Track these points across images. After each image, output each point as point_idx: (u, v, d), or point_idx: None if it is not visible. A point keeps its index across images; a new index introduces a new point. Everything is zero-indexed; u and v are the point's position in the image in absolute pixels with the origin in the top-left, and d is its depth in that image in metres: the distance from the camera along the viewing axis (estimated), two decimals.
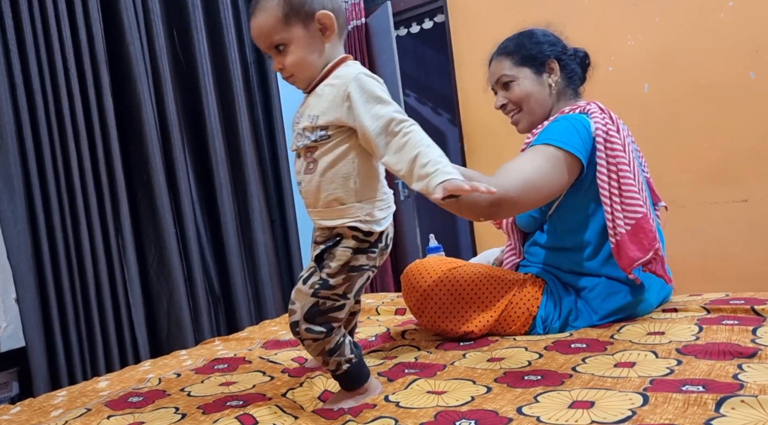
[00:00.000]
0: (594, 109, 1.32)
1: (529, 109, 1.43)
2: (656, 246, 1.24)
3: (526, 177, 1.21)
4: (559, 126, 1.30)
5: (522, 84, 1.42)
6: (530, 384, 1.01)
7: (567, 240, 1.35)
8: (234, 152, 2.62)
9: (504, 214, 1.29)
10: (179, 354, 1.67)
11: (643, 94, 2.52)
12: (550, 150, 1.25)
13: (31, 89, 1.99)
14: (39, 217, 1.98)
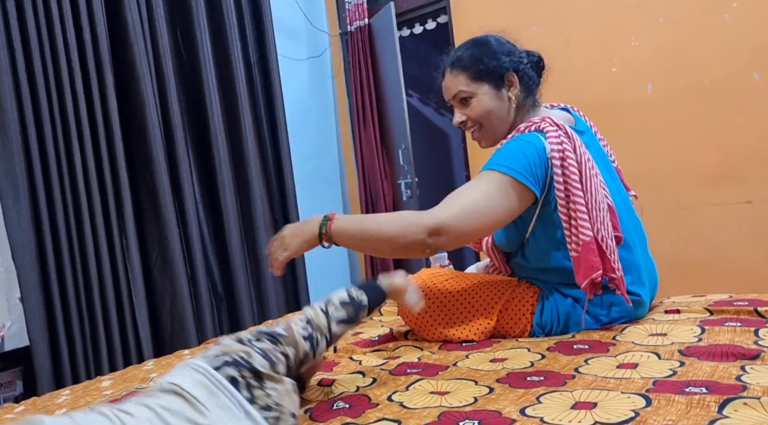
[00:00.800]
0: (549, 128, 1.25)
1: (491, 125, 1.36)
2: (593, 275, 1.21)
3: (464, 204, 1.21)
4: (509, 149, 1.26)
5: (482, 101, 1.34)
6: (533, 384, 1.01)
7: (548, 260, 1.32)
8: (237, 151, 2.62)
9: (448, 243, 1.21)
10: (182, 354, 1.67)
11: (646, 94, 2.52)
12: (496, 175, 1.22)
13: (35, 88, 2.00)
14: (43, 217, 1.99)
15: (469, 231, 1.22)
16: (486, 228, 1.25)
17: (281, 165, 2.82)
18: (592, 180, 1.24)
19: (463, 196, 1.23)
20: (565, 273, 1.29)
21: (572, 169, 1.22)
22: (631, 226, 1.36)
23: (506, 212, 1.23)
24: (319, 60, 3.56)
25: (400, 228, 1.21)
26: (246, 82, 2.68)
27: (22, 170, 1.96)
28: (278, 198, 2.81)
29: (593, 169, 1.25)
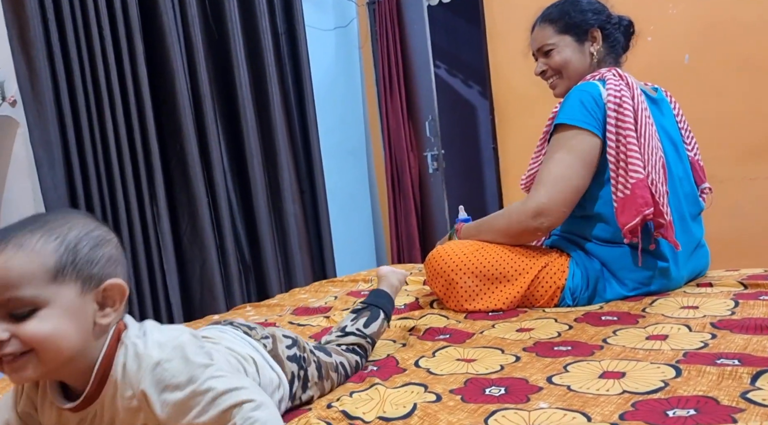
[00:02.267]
0: (610, 76, 1.34)
1: (568, 75, 1.44)
2: (645, 212, 1.24)
3: (551, 180, 1.31)
4: (567, 102, 1.34)
5: (562, 51, 1.43)
6: (560, 354, 1.01)
7: (589, 207, 1.36)
8: (264, 122, 2.63)
9: (553, 220, 1.31)
10: (211, 319, 1.71)
11: (683, 65, 2.44)
12: (561, 135, 1.32)
13: (68, 58, 2.02)
14: (77, 184, 2.04)
15: (566, 201, 1.30)
16: (578, 190, 1.32)
17: (308, 136, 2.83)
18: (647, 127, 1.30)
19: (547, 172, 1.32)
20: (604, 224, 1.34)
21: (627, 113, 1.29)
22: (683, 203, 1.37)
23: (585, 167, 1.31)
24: (346, 30, 3.52)
25: (507, 220, 1.38)
26: (273, 53, 2.67)
27: (57, 139, 2.00)
28: (305, 169, 2.82)
29: (650, 119, 1.31)
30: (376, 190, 3.61)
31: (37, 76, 1.93)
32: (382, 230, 3.61)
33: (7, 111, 1.98)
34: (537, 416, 0.76)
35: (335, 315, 1.47)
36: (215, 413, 0.65)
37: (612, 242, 1.33)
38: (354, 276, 2.02)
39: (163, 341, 0.69)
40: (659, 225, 1.26)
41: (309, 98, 2.83)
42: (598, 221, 1.35)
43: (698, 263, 1.42)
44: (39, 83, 1.94)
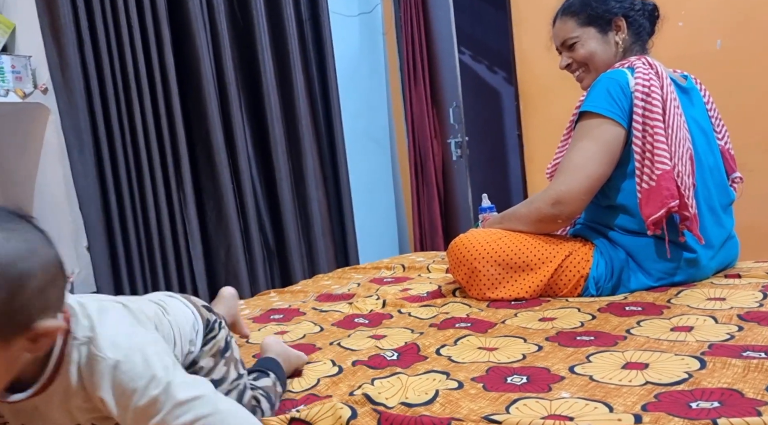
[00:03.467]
0: (639, 65, 1.32)
1: (594, 67, 1.42)
2: (670, 204, 1.22)
3: (571, 168, 1.30)
4: (594, 90, 1.33)
5: (586, 44, 1.41)
6: (582, 344, 1.01)
7: (613, 198, 1.35)
8: (289, 109, 2.64)
9: (573, 208, 1.31)
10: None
11: (715, 50, 2.38)
12: (585, 123, 1.31)
13: (97, 45, 2.06)
14: (106, 170, 2.08)
15: (584, 189, 1.30)
16: (598, 178, 1.31)
17: (332, 123, 2.83)
18: (676, 118, 1.27)
19: (568, 161, 1.33)
20: (628, 215, 1.33)
21: (656, 103, 1.27)
22: (714, 194, 1.35)
23: (607, 156, 1.30)
24: (370, 16, 3.50)
25: (527, 208, 1.38)
26: (298, 40, 2.68)
27: (87, 125, 2.04)
28: (328, 156, 2.84)
29: (678, 109, 1.29)
30: (399, 177, 3.61)
31: (68, 64, 1.97)
32: (404, 217, 3.61)
33: (39, 98, 2.02)
34: (559, 405, 0.77)
35: (358, 301, 1.49)
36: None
37: (636, 233, 1.32)
38: (377, 263, 2.04)
39: (118, 339, 0.65)
40: (684, 218, 1.24)
41: (333, 85, 2.83)
42: (622, 212, 1.34)
43: (727, 254, 1.40)
44: (69, 71, 1.98)
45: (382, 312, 1.39)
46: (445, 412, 0.79)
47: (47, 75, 1.97)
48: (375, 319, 1.33)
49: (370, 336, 1.19)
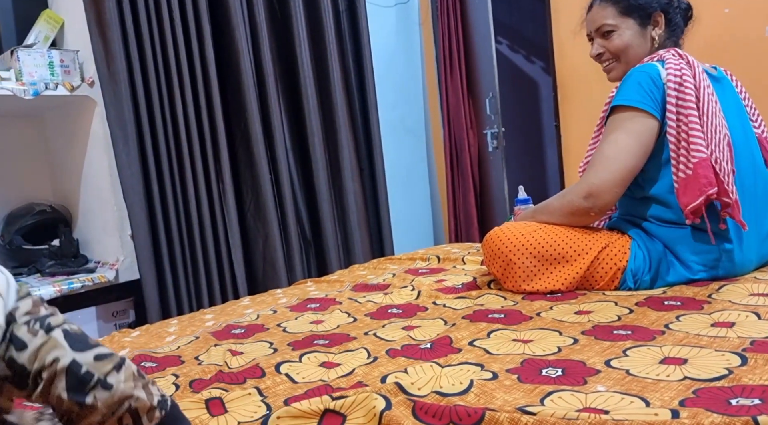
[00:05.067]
0: (669, 56, 1.31)
1: (626, 60, 1.40)
2: (708, 191, 1.20)
3: (603, 160, 1.29)
4: (625, 85, 1.32)
5: (624, 35, 1.39)
6: (619, 338, 1.00)
7: (648, 188, 1.34)
8: (325, 100, 2.67)
9: (606, 200, 1.30)
10: (275, 293, 1.78)
11: (763, 37, 2.29)
12: (617, 116, 1.30)
13: (141, 39, 2.11)
14: (149, 160, 2.14)
15: (616, 181, 1.29)
16: (631, 170, 1.30)
17: (367, 114, 2.85)
18: (711, 105, 1.26)
19: (600, 153, 1.32)
20: (664, 205, 1.31)
21: (689, 92, 1.25)
22: (752, 182, 1.33)
23: (640, 147, 1.29)
24: (407, 6, 3.49)
25: (560, 201, 1.38)
26: (334, 31, 2.69)
27: (131, 117, 2.10)
28: (364, 147, 2.85)
29: (713, 96, 1.27)
30: (435, 169, 3.61)
31: (113, 58, 2.03)
32: (440, 209, 3.61)
33: (86, 91, 2.09)
34: (594, 398, 0.77)
35: (393, 292, 1.50)
36: None
37: (673, 223, 1.30)
38: (411, 254, 2.05)
39: None
40: (725, 204, 1.22)
41: (369, 76, 2.84)
42: (656, 202, 1.33)
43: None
44: (114, 64, 2.04)
45: (416, 303, 1.40)
46: (480, 402, 0.79)
47: (93, 68, 2.04)
48: (409, 310, 1.34)
49: (403, 327, 1.21)
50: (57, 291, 1.92)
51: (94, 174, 2.21)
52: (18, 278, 2.05)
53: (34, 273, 2.12)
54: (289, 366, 1.04)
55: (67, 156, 2.33)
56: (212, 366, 1.09)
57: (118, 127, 2.06)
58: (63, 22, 2.19)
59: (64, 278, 2.01)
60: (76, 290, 1.98)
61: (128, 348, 1.30)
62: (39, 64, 1.99)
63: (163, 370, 1.11)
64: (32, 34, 2.10)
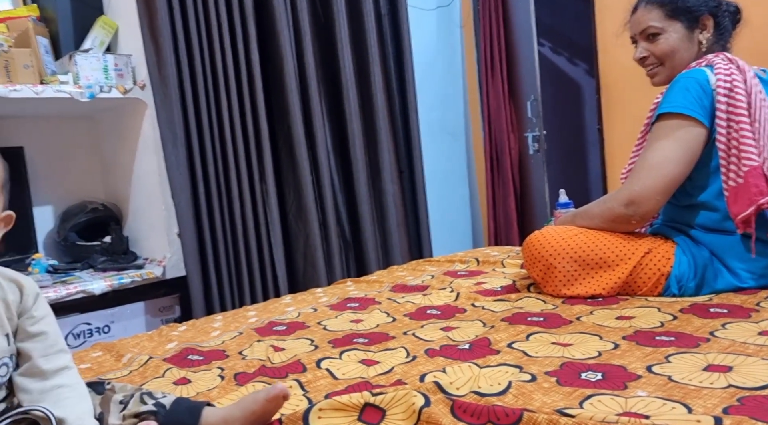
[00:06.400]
0: (719, 61, 1.28)
1: (672, 65, 1.37)
2: (759, 201, 1.17)
3: (647, 168, 1.27)
4: (671, 91, 1.29)
5: (670, 38, 1.36)
6: (662, 344, 0.99)
7: (695, 196, 1.31)
8: (366, 103, 2.70)
9: (648, 208, 1.28)
10: (315, 291, 1.81)
11: None
12: (663, 123, 1.27)
13: (190, 46, 2.18)
14: (196, 161, 2.21)
15: (659, 190, 1.27)
16: (675, 179, 1.28)
17: (408, 117, 2.86)
18: (763, 111, 1.22)
19: (644, 160, 1.30)
20: (710, 212, 1.29)
21: (740, 97, 1.22)
22: None
23: (686, 156, 1.26)
24: (448, 9, 3.50)
25: (600, 207, 1.36)
26: (376, 34, 2.72)
27: (180, 119, 2.17)
28: (404, 150, 2.87)
29: (765, 101, 1.24)
30: (474, 171, 3.60)
31: (164, 62, 2.11)
32: (479, 212, 3.60)
33: (138, 94, 2.18)
34: (635, 403, 0.76)
35: (432, 293, 1.51)
36: None
37: (720, 230, 1.27)
38: (450, 256, 2.05)
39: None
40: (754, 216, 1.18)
41: (410, 79, 2.86)
42: (703, 209, 1.30)
43: None
44: (165, 68, 2.11)
45: (455, 304, 1.41)
46: (518, 403, 0.80)
47: (145, 72, 2.12)
48: (447, 311, 1.35)
49: (441, 328, 1.22)
50: (108, 285, 2.01)
51: (144, 174, 2.30)
52: (71, 273, 2.15)
53: (87, 268, 2.22)
54: (329, 362, 1.07)
55: (119, 156, 2.43)
56: (255, 360, 1.12)
57: (168, 129, 2.14)
58: (117, 27, 2.29)
59: (114, 274, 2.10)
60: (125, 285, 2.06)
61: (176, 341, 1.35)
62: (95, 68, 2.08)
63: (208, 363, 1.15)
64: (89, 39, 2.20)
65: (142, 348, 1.33)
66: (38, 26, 2.13)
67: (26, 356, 0.78)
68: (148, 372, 1.13)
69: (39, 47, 2.04)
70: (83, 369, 1.21)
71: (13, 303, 0.78)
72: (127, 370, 1.15)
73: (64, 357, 0.81)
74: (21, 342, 0.78)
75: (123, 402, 0.83)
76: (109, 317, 2.08)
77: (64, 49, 2.19)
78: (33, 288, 0.81)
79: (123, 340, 1.41)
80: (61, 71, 2.12)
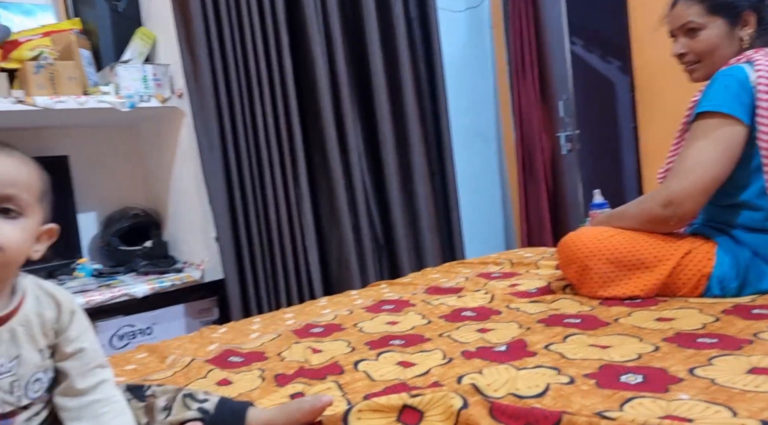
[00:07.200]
0: (758, 57, 1.26)
1: (711, 62, 1.34)
2: None
3: (686, 168, 1.25)
4: (710, 90, 1.27)
5: (711, 35, 1.33)
6: (704, 346, 0.97)
7: (736, 195, 1.28)
8: (397, 106, 2.71)
9: (687, 209, 1.26)
10: (350, 294, 1.83)
11: None
12: (702, 122, 1.25)
13: (225, 54, 2.23)
14: (232, 167, 2.26)
15: (699, 190, 1.25)
16: (715, 180, 1.25)
17: (439, 120, 2.87)
18: None
19: (682, 160, 1.28)
20: (753, 213, 1.26)
21: None
22: None
23: (726, 156, 1.24)
24: (478, 10, 3.49)
25: (637, 208, 1.35)
26: (406, 38, 2.73)
27: (215, 126, 2.22)
28: (435, 152, 2.87)
29: None
30: (506, 173, 3.58)
31: (200, 71, 2.16)
32: (511, 213, 3.57)
33: (176, 102, 2.24)
34: (677, 406, 0.76)
35: (466, 295, 1.52)
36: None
37: (762, 230, 1.24)
38: (484, 258, 2.05)
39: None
40: None
41: (440, 82, 2.86)
42: (745, 209, 1.27)
43: None
44: (201, 77, 2.17)
45: (490, 306, 1.41)
46: (556, 406, 0.80)
47: (182, 81, 2.18)
48: (482, 313, 1.35)
49: (477, 330, 1.22)
50: (150, 289, 2.07)
51: (182, 180, 2.36)
52: (115, 276, 2.22)
53: (130, 272, 2.28)
54: (366, 364, 1.08)
55: (158, 163, 2.50)
56: (294, 362, 1.15)
57: (204, 136, 2.19)
58: (155, 38, 2.35)
59: (155, 277, 2.16)
60: (166, 288, 2.12)
61: (216, 343, 1.38)
62: (134, 78, 2.15)
63: (249, 364, 1.18)
64: (128, 50, 2.27)
65: (184, 349, 1.37)
66: (81, 39, 2.21)
67: (64, 374, 0.77)
68: (191, 373, 1.16)
69: (82, 59, 2.12)
70: (129, 371, 1.25)
71: (49, 320, 0.76)
72: (171, 371, 1.19)
73: (101, 373, 0.80)
74: (59, 362, 0.77)
75: (166, 408, 0.84)
76: (151, 319, 2.14)
77: (105, 60, 2.27)
78: (70, 304, 0.79)
79: (166, 342, 1.46)
80: (102, 82, 2.19)
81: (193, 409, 0.84)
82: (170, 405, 0.85)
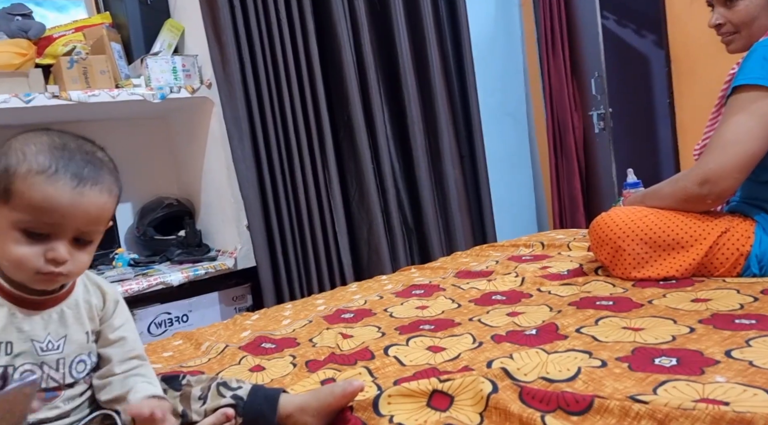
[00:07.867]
0: None
1: (749, 33, 1.30)
2: None
3: (723, 144, 1.21)
4: (748, 62, 1.23)
5: (750, 5, 1.28)
6: (742, 327, 0.95)
7: None
8: (425, 89, 2.68)
9: (724, 187, 1.22)
10: (381, 279, 1.84)
11: None
12: (740, 96, 1.21)
13: (252, 43, 2.24)
14: (261, 154, 2.28)
15: (736, 167, 1.22)
16: (754, 155, 1.22)
17: (467, 100, 2.83)
18: None
19: (719, 136, 1.24)
20: None
21: None
22: None
23: (765, 129, 1.20)
24: None
25: (672, 187, 1.32)
26: (433, 18, 2.69)
27: (244, 115, 2.24)
28: (464, 134, 2.84)
29: None
30: (537, 153, 3.52)
31: (228, 60, 2.18)
32: (543, 194, 3.52)
33: (205, 92, 2.26)
34: (713, 389, 0.74)
35: (496, 279, 1.51)
36: None
37: None
38: (515, 241, 2.03)
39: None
40: None
41: (468, 62, 2.82)
42: None
43: None
44: (229, 66, 2.18)
45: (520, 289, 1.40)
46: (588, 390, 0.79)
47: (211, 71, 2.20)
48: (513, 297, 1.35)
49: (507, 314, 1.22)
50: (185, 277, 2.11)
51: (213, 169, 2.39)
52: (151, 265, 2.28)
53: (165, 261, 2.34)
54: (396, 349, 1.09)
55: (189, 153, 2.54)
56: (325, 348, 1.16)
57: (233, 125, 2.21)
58: (183, 29, 2.38)
59: (190, 266, 2.21)
60: (200, 276, 2.17)
61: (249, 330, 1.41)
62: (164, 70, 2.18)
63: (281, 351, 1.20)
64: (158, 42, 2.30)
65: (218, 336, 1.40)
66: (111, 32, 2.25)
67: (106, 360, 0.82)
68: (225, 359, 1.19)
69: (113, 53, 2.16)
70: (166, 357, 1.29)
71: (95, 307, 0.83)
72: (206, 358, 1.22)
73: (138, 362, 0.84)
74: (102, 348, 0.83)
75: (201, 397, 0.88)
76: (187, 306, 2.20)
77: (135, 53, 2.30)
78: (114, 295, 0.86)
79: (201, 329, 1.49)
80: (133, 74, 2.23)
81: (227, 397, 0.87)
82: (205, 395, 0.88)
